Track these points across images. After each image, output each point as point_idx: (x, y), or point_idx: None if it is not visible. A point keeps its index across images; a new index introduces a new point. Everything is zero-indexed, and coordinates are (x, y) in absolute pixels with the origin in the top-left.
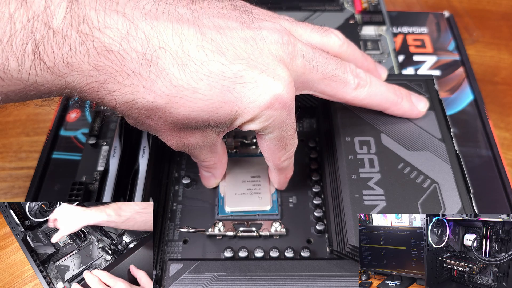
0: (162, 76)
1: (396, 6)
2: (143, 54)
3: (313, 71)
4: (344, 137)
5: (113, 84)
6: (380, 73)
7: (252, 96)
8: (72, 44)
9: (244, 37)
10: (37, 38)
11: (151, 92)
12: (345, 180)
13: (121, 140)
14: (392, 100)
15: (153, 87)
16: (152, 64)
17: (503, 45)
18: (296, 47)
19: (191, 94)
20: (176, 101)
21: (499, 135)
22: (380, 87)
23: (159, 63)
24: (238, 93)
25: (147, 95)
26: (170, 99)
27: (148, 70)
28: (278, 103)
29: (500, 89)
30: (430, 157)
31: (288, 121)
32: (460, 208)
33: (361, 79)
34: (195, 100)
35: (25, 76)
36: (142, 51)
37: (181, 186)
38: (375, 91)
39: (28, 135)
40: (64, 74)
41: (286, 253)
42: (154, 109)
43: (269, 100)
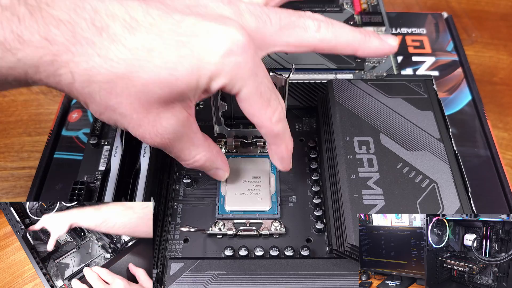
0: (115, 42)
1: (395, 7)
2: (92, 21)
3: (267, 23)
4: (343, 137)
5: (66, 55)
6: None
7: (208, 46)
8: (21, 16)
9: (187, 4)
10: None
11: (107, 60)
12: (345, 179)
13: (122, 140)
14: (360, 38)
15: (108, 54)
16: (103, 31)
17: (502, 45)
18: (240, 7)
19: (147, 54)
20: (133, 63)
21: (498, 135)
22: (344, 26)
23: (110, 29)
24: (193, 45)
25: (103, 63)
26: (128, 64)
27: (100, 37)
28: (236, 47)
29: (498, 89)
30: (429, 157)
31: (257, 69)
32: (459, 208)
33: (321, 21)
34: (152, 59)
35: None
36: (90, 19)
37: (182, 185)
38: (340, 31)
39: (30, 135)
40: (15, 49)
41: (286, 252)
42: (114, 79)
43: (227, 46)
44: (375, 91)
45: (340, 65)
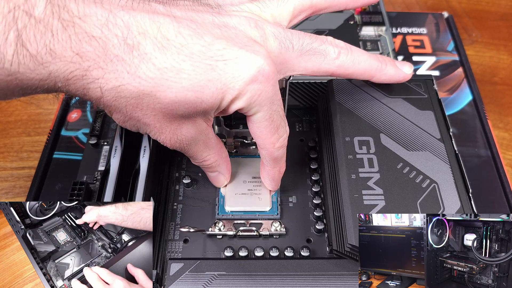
0: (145, 60)
1: (395, 6)
2: (124, 39)
3: (289, 49)
4: (343, 137)
5: (97, 71)
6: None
7: (235, 72)
8: (54, 31)
9: (218, 24)
10: (19, 26)
11: (136, 78)
12: (345, 180)
13: (122, 140)
14: (377, 66)
15: (137, 72)
16: (134, 49)
17: (502, 45)
18: (266, 30)
19: (176, 75)
20: (161, 83)
21: (498, 135)
22: (363, 54)
23: (141, 47)
24: (222, 69)
25: (132, 80)
26: (156, 83)
27: (130, 55)
28: (261, 76)
29: (499, 89)
30: (429, 157)
31: (275, 98)
32: (459, 208)
33: (341, 48)
34: (180, 80)
35: (7, 66)
36: (122, 36)
37: (181, 185)
38: (358, 58)
39: (29, 135)
40: (47, 63)
41: (286, 252)
42: (140, 96)
43: (252, 73)
44: (376, 91)
45: None
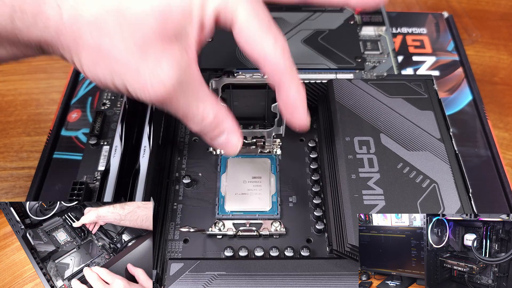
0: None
1: (395, 6)
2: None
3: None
4: (343, 137)
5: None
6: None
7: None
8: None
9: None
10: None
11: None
12: (345, 179)
13: (122, 140)
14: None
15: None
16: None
17: (502, 45)
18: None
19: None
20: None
21: (498, 135)
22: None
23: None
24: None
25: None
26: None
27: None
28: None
29: (499, 89)
30: (429, 157)
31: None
32: (459, 208)
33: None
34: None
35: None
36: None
37: (181, 185)
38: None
39: (29, 135)
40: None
41: (286, 252)
42: (103, 15)
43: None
44: (376, 91)
45: (340, 65)
